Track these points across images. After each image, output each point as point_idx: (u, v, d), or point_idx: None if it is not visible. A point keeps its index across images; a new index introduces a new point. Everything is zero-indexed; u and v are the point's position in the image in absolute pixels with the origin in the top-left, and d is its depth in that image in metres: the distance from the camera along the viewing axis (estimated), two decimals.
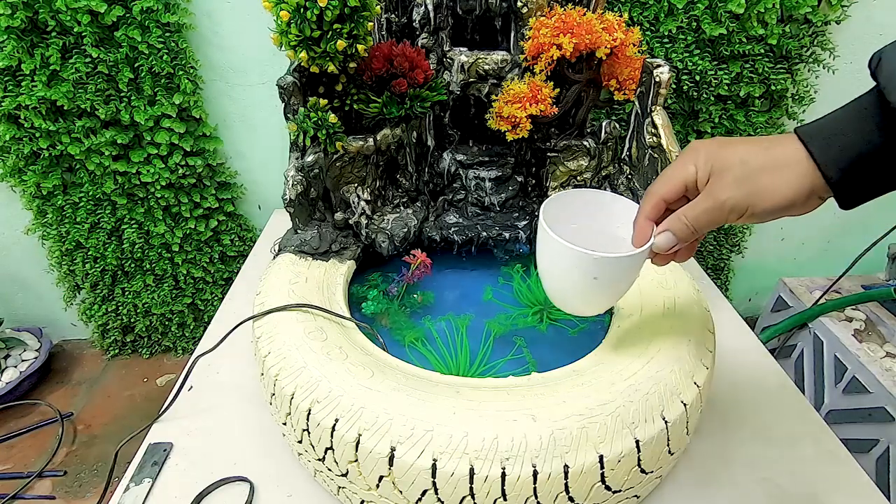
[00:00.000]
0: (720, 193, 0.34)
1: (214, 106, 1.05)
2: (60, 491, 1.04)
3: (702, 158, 0.35)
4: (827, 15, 0.98)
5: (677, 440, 0.45)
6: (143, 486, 0.51)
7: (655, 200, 0.38)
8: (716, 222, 0.36)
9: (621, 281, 0.44)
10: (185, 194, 1.09)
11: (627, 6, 0.95)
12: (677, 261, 0.41)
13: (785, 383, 0.66)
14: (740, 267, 1.35)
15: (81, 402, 1.25)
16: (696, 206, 0.36)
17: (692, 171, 0.36)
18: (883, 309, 1.06)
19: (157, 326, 1.29)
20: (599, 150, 0.74)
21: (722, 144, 0.35)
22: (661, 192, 0.38)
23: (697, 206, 0.36)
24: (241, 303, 0.79)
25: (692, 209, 0.36)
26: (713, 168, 0.35)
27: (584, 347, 0.52)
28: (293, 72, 0.62)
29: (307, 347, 0.48)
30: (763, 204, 0.33)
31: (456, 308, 0.66)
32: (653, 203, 0.38)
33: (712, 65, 1.00)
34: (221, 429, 0.58)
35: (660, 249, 0.39)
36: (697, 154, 0.35)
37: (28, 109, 0.95)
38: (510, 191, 0.77)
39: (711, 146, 0.35)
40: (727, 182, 0.34)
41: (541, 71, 0.67)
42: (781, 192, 0.33)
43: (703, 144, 0.36)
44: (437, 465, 0.39)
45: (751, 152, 0.33)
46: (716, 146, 0.35)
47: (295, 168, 0.62)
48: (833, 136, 0.31)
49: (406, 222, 0.71)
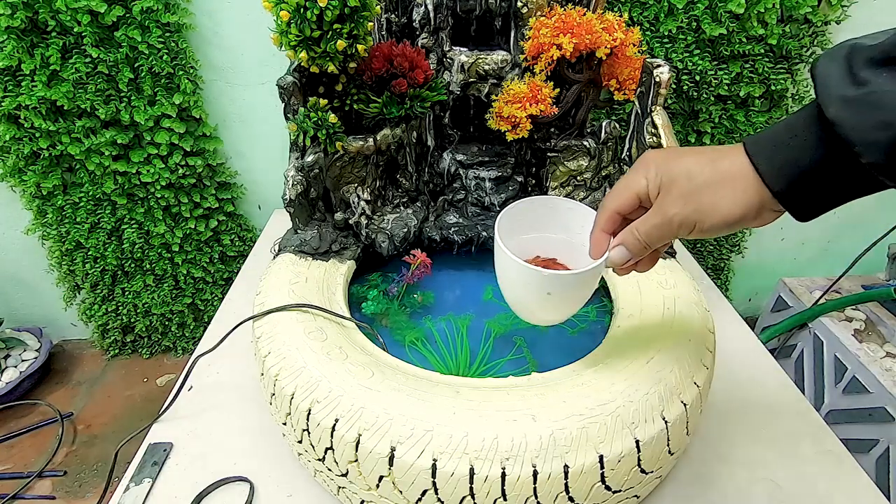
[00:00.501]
0: (668, 209, 0.34)
1: (214, 106, 1.05)
2: (60, 491, 1.04)
3: (652, 171, 0.35)
4: (827, 15, 0.98)
5: (677, 440, 0.45)
6: (143, 486, 0.51)
7: (609, 214, 0.38)
8: (666, 237, 0.36)
9: (576, 295, 0.44)
10: (185, 194, 1.09)
11: (627, 6, 0.95)
12: (639, 270, 0.41)
13: (785, 383, 0.66)
14: (740, 267, 1.35)
15: (81, 402, 1.25)
16: (647, 221, 0.36)
17: (643, 183, 0.35)
18: (883, 309, 1.06)
19: (157, 326, 1.29)
20: (599, 150, 0.74)
21: (671, 156, 0.35)
22: (613, 205, 0.38)
23: (648, 220, 0.36)
24: (241, 303, 0.79)
25: (643, 224, 0.36)
26: (662, 181, 0.34)
27: (584, 347, 0.52)
28: (293, 72, 0.62)
29: (307, 347, 0.48)
30: (710, 220, 0.33)
31: (456, 308, 0.66)
32: (607, 216, 0.38)
33: (712, 65, 1.00)
34: (221, 429, 0.58)
35: (614, 264, 0.39)
36: (648, 167, 0.35)
37: (28, 109, 0.95)
38: (510, 191, 0.77)
39: (661, 158, 0.35)
40: (674, 197, 0.34)
41: (541, 71, 0.67)
42: (727, 207, 0.32)
43: (655, 156, 0.36)
44: (437, 465, 0.39)
45: (697, 165, 0.33)
46: (665, 158, 0.35)
47: (295, 168, 0.62)
48: (778, 147, 0.31)
49: (406, 222, 0.71)
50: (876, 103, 0.26)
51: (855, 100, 0.27)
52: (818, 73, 0.29)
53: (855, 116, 0.27)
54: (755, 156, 0.31)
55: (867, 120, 0.26)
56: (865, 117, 0.26)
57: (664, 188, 0.34)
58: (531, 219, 0.48)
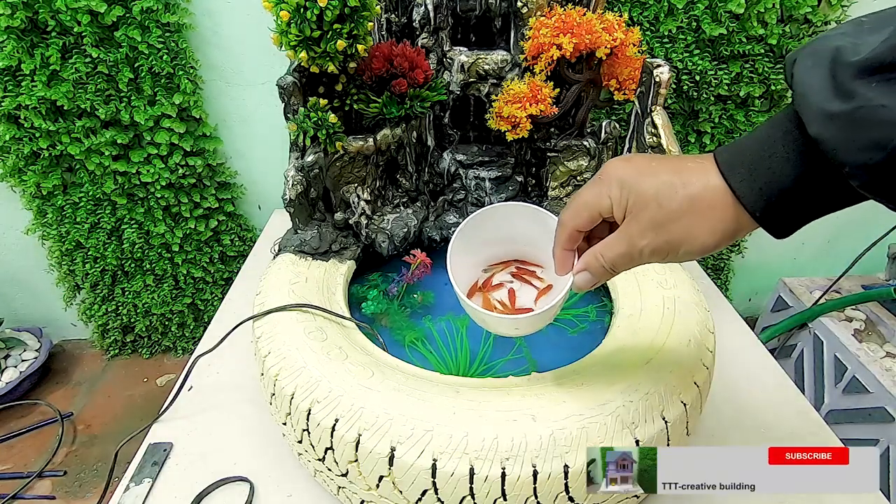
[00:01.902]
0: (638, 239, 0.31)
1: (214, 106, 1.05)
2: (60, 491, 1.04)
3: (616, 190, 0.32)
4: (827, 15, 0.98)
5: (677, 440, 0.45)
6: (143, 486, 0.51)
7: (570, 232, 0.35)
8: (634, 265, 0.33)
9: (544, 320, 0.43)
10: (185, 194, 1.09)
11: (627, 6, 0.95)
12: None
13: (785, 383, 0.66)
14: (740, 267, 1.35)
15: (81, 402, 1.25)
16: (613, 249, 0.33)
17: (607, 203, 0.32)
18: (883, 309, 1.06)
19: (157, 326, 1.29)
20: (599, 150, 0.74)
21: (637, 174, 0.31)
22: (573, 224, 0.35)
23: (614, 248, 0.33)
24: (241, 303, 0.79)
25: (610, 251, 0.33)
26: (630, 204, 0.31)
27: (584, 347, 0.52)
28: (293, 72, 0.62)
29: (307, 347, 0.48)
30: (684, 249, 0.30)
31: (456, 308, 0.66)
32: (567, 234, 0.36)
33: (712, 65, 1.00)
34: (221, 429, 0.58)
35: (579, 289, 0.37)
36: (611, 184, 0.32)
37: (28, 109, 0.95)
38: (510, 191, 0.77)
39: (627, 175, 0.31)
40: (644, 225, 0.31)
41: (541, 71, 0.67)
42: (703, 237, 0.30)
43: (618, 172, 0.32)
44: (437, 465, 0.39)
45: (667, 188, 0.30)
46: (631, 175, 0.31)
47: (295, 168, 0.62)
48: (755, 166, 0.28)
49: (406, 222, 0.71)
50: (866, 120, 0.23)
51: (842, 116, 0.23)
52: (798, 81, 0.26)
53: (842, 135, 0.24)
54: (731, 177, 0.28)
55: (856, 139, 0.23)
56: (854, 136, 0.23)
57: (631, 212, 0.31)
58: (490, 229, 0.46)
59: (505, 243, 0.50)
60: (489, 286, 0.51)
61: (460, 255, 0.45)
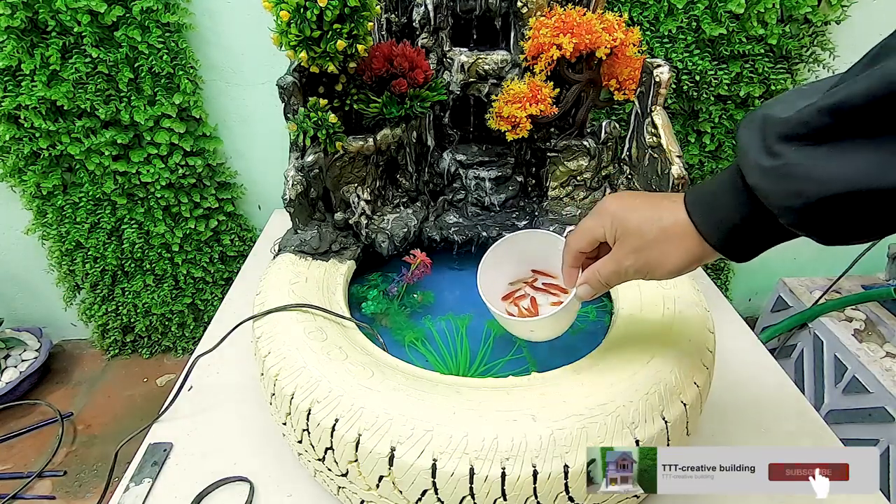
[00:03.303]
0: (623, 260, 0.39)
1: (214, 106, 1.05)
2: (60, 491, 1.04)
3: (608, 222, 0.39)
4: (827, 15, 0.98)
5: (677, 440, 0.45)
6: (143, 486, 0.51)
7: (574, 254, 0.43)
8: (623, 281, 0.41)
9: (557, 325, 0.50)
10: (185, 194, 1.09)
11: (627, 6, 0.95)
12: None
13: (785, 383, 0.66)
14: (740, 267, 1.35)
15: (81, 402, 1.25)
16: (606, 267, 0.41)
17: (601, 232, 0.40)
18: (883, 309, 1.06)
19: (157, 326, 1.29)
20: (599, 150, 0.74)
21: (624, 210, 0.38)
22: (577, 246, 0.43)
23: (607, 266, 0.41)
24: (241, 303, 0.79)
25: (604, 269, 0.41)
26: (618, 233, 0.39)
27: (584, 347, 0.52)
28: (293, 72, 0.62)
29: (307, 347, 0.48)
30: (660, 270, 0.38)
31: (456, 308, 0.66)
32: (572, 256, 0.44)
33: (712, 65, 1.00)
34: (221, 429, 0.58)
35: (582, 299, 0.45)
36: (604, 217, 0.40)
37: (28, 109, 0.95)
38: (510, 191, 0.77)
39: (617, 210, 0.39)
40: (628, 250, 0.38)
41: (541, 71, 0.67)
42: (674, 261, 0.37)
43: (610, 207, 0.40)
44: (437, 465, 0.39)
45: (647, 223, 0.37)
46: (620, 211, 0.39)
47: (295, 168, 0.62)
48: (712, 206, 0.35)
49: (406, 222, 0.71)
50: (788, 174, 0.28)
51: (770, 170, 0.29)
52: (740, 143, 0.32)
53: (771, 185, 0.30)
54: (693, 214, 0.35)
55: (781, 188, 0.29)
56: (780, 186, 0.29)
57: (619, 239, 0.39)
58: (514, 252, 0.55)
59: (527, 263, 0.58)
60: (514, 296, 0.59)
61: (490, 271, 0.55)
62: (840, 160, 0.27)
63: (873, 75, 0.25)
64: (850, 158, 0.26)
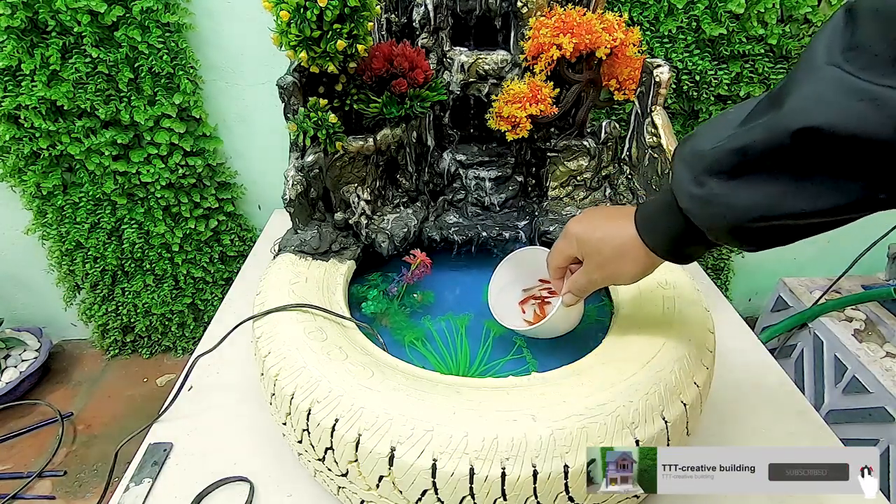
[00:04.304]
0: (591, 274, 0.47)
1: (214, 106, 1.05)
2: (60, 491, 1.04)
3: (574, 244, 0.47)
4: (827, 15, 0.98)
5: (677, 440, 0.45)
6: (143, 486, 0.51)
7: (554, 271, 0.51)
8: (595, 288, 0.49)
9: (556, 327, 0.56)
10: (185, 194, 1.09)
11: (627, 6, 0.95)
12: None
13: (785, 383, 0.66)
14: (740, 267, 1.35)
15: (81, 402, 1.25)
16: (579, 280, 0.48)
17: (570, 252, 0.48)
18: (883, 309, 1.06)
19: (157, 326, 1.29)
20: (599, 150, 0.74)
21: (585, 232, 0.46)
22: (554, 265, 0.51)
23: (580, 280, 0.48)
24: (241, 303, 0.79)
25: (578, 280, 0.48)
26: (583, 252, 0.46)
27: (584, 347, 0.52)
28: (293, 72, 0.62)
29: (307, 347, 0.48)
30: (621, 279, 0.45)
31: (456, 308, 0.66)
32: (553, 272, 0.52)
33: (712, 65, 1.00)
34: (221, 429, 0.58)
35: (568, 305, 0.51)
36: (570, 240, 0.47)
37: (28, 109, 0.95)
38: (510, 191, 0.78)
39: (579, 233, 0.46)
40: (593, 266, 0.46)
41: (541, 71, 0.67)
42: (630, 271, 0.44)
43: (574, 230, 0.47)
44: (437, 465, 0.39)
45: (602, 243, 0.44)
46: (582, 234, 0.46)
47: (295, 168, 0.63)
48: (655, 223, 0.41)
49: (406, 222, 0.71)
50: (711, 202, 0.35)
51: (698, 197, 0.35)
52: (674, 172, 0.38)
53: (699, 209, 0.36)
54: (641, 230, 0.42)
55: (707, 213, 0.36)
56: (706, 211, 0.35)
57: (586, 257, 0.47)
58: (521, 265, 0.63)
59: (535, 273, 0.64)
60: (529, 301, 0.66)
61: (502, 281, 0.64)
62: (749, 192, 0.33)
63: (769, 126, 0.31)
64: (757, 190, 0.33)
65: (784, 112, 0.30)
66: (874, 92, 0.27)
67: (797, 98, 0.30)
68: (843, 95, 0.28)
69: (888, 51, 0.27)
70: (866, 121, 0.27)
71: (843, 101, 0.28)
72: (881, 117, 0.27)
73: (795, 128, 0.29)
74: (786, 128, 0.30)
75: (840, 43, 0.29)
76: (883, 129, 0.27)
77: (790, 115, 0.30)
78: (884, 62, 0.27)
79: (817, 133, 0.29)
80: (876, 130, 0.27)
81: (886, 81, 0.27)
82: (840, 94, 0.28)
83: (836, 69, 0.29)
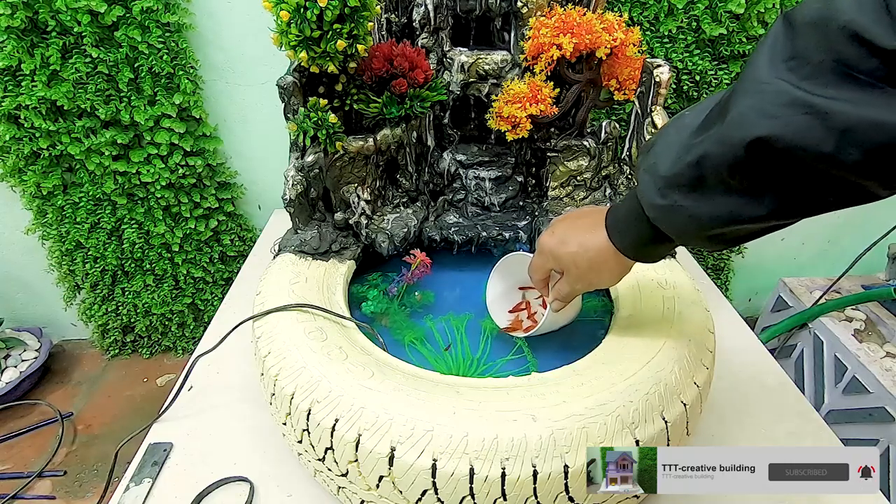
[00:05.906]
0: (573, 284, 0.48)
1: (214, 106, 1.05)
2: (60, 491, 1.04)
3: (550, 259, 0.49)
4: None
5: (677, 440, 0.45)
6: (143, 486, 0.51)
7: (537, 283, 0.53)
8: (577, 295, 0.51)
9: (550, 328, 0.57)
10: (185, 194, 1.09)
11: (627, 6, 0.95)
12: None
13: (785, 383, 0.66)
14: (740, 267, 1.35)
15: (81, 402, 1.25)
16: (563, 289, 0.49)
17: (549, 266, 0.50)
18: (883, 309, 1.06)
19: (157, 326, 1.29)
20: (599, 150, 0.74)
21: (558, 246, 0.47)
22: (536, 278, 0.53)
23: (563, 289, 0.49)
24: (241, 303, 0.79)
25: (562, 289, 0.50)
26: (560, 266, 0.48)
27: (584, 347, 0.52)
28: (293, 72, 0.62)
29: (307, 347, 0.48)
30: (599, 286, 0.48)
31: (456, 308, 0.66)
32: (536, 283, 0.53)
33: (712, 65, 1.00)
34: (221, 429, 0.58)
35: (556, 310, 0.53)
36: (546, 256, 0.49)
37: (28, 109, 0.95)
38: (510, 191, 0.78)
39: (552, 248, 0.48)
40: (572, 278, 0.48)
41: (541, 71, 0.67)
42: (607, 278, 0.47)
43: (547, 245, 0.48)
44: (437, 465, 0.39)
45: (577, 256, 0.46)
46: (555, 247, 0.47)
47: (295, 168, 0.63)
48: (625, 230, 0.43)
49: (406, 222, 0.71)
50: (675, 212, 0.37)
51: (662, 208, 0.37)
52: (640, 183, 0.40)
53: (665, 219, 0.38)
54: (612, 234, 0.44)
55: (672, 222, 0.38)
56: (671, 220, 0.38)
57: (564, 270, 0.48)
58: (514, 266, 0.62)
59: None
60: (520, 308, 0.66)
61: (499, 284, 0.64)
62: (709, 203, 0.35)
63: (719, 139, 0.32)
64: (716, 202, 0.34)
65: (728, 123, 0.31)
66: (817, 104, 0.27)
67: (742, 108, 0.30)
68: (787, 108, 0.28)
69: (827, 60, 0.27)
70: (810, 133, 0.28)
71: (787, 112, 0.28)
72: (823, 131, 0.27)
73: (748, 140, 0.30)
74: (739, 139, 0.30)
75: (782, 52, 0.29)
76: (825, 143, 0.27)
77: (734, 127, 0.31)
78: (823, 71, 0.27)
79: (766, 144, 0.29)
80: (818, 143, 0.28)
81: (829, 92, 0.27)
82: (784, 107, 0.28)
83: (780, 81, 0.29)
